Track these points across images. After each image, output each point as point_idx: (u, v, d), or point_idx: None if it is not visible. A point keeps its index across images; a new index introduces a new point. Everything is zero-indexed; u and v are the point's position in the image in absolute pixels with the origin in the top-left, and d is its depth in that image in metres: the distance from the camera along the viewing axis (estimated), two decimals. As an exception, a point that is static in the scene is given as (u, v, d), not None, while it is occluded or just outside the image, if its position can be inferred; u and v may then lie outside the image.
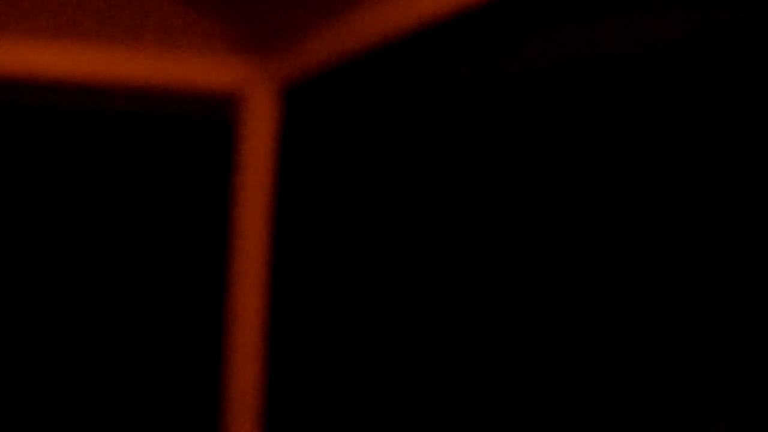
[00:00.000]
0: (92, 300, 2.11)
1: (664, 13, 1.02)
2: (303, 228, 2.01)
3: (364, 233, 1.77)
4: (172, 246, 2.16)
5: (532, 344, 1.26)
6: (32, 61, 1.94)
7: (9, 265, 2.06)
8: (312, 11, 1.80)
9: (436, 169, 1.53)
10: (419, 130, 1.58)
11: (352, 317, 1.78)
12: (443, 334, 1.48)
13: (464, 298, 1.43)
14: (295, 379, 2.00)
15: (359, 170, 1.80)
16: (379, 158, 1.72)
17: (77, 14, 1.93)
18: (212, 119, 2.16)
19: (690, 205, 1.00)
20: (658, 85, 1.05)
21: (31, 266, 2.08)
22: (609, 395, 1.10)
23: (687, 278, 0.99)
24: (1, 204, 2.06)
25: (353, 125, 1.83)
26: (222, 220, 2.15)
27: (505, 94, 1.35)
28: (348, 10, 1.67)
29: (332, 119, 1.92)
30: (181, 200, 2.17)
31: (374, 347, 1.69)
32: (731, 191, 0.94)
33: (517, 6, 1.27)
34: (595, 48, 1.13)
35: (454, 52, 1.45)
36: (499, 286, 1.35)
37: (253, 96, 2.09)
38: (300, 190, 2.03)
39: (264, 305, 2.09)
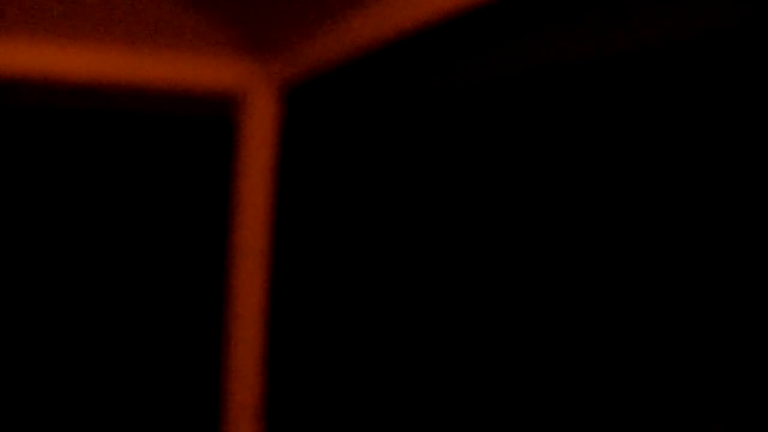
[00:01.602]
0: (92, 300, 2.11)
1: (665, 13, 1.02)
2: (303, 228, 2.01)
3: (365, 233, 1.77)
4: (173, 245, 2.16)
5: (532, 345, 1.25)
6: (32, 62, 1.94)
7: (9, 265, 2.06)
8: (313, 12, 1.80)
9: (437, 169, 1.53)
10: (420, 129, 1.58)
11: (352, 317, 1.78)
12: (445, 334, 1.47)
13: (466, 297, 1.42)
14: (295, 378, 1.99)
15: (359, 170, 1.80)
16: (379, 158, 1.72)
17: (77, 15, 1.93)
18: (213, 119, 2.16)
19: (690, 205, 0.99)
20: (659, 85, 1.05)
21: (31, 265, 2.08)
22: (609, 397, 1.10)
23: (687, 280, 0.99)
24: (1, 204, 2.06)
25: (354, 125, 1.82)
26: (222, 219, 2.15)
27: (505, 93, 1.35)
28: (349, 10, 1.67)
29: (333, 119, 1.92)
30: (181, 200, 2.17)
31: (374, 346, 1.69)
32: (732, 191, 0.94)
33: (517, 6, 1.27)
34: (596, 48, 1.13)
35: (454, 52, 1.45)
36: (501, 286, 1.34)
37: (253, 96, 2.09)
38: (300, 190, 2.03)
39: (264, 304, 2.09)
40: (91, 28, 1.96)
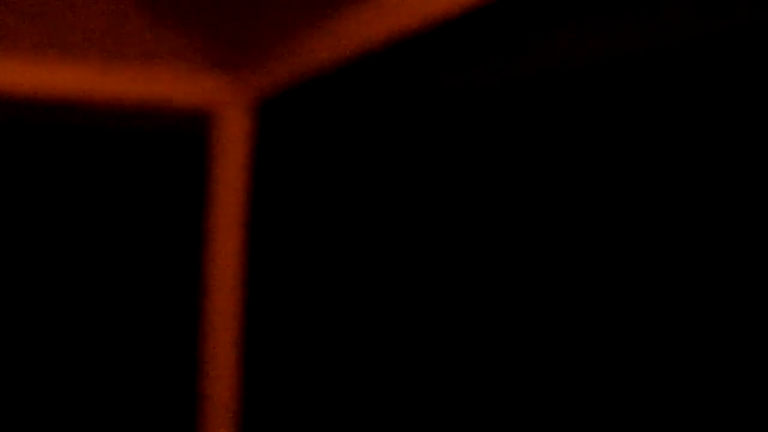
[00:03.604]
0: (69, 312, 2.09)
1: (673, 13, 1.02)
2: (277, 243, 2.01)
3: (340, 249, 1.76)
4: (147, 262, 2.14)
5: (529, 345, 1.25)
6: (7, 78, 1.92)
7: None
8: (285, 26, 1.80)
9: (416, 184, 1.52)
10: (396, 144, 1.58)
11: (325, 333, 1.77)
12: (422, 335, 1.47)
13: (445, 315, 1.42)
14: (271, 380, 1.98)
15: (334, 185, 1.80)
16: (354, 172, 1.72)
17: (51, 31, 1.91)
18: (186, 135, 2.14)
19: (690, 206, 1.00)
20: (668, 87, 1.05)
21: (7, 276, 2.05)
22: (610, 397, 1.10)
23: (688, 280, 0.99)
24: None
25: (328, 139, 1.82)
26: (196, 236, 2.14)
27: (484, 105, 1.35)
28: (321, 23, 1.67)
29: (306, 134, 1.91)
30: (155, 217, 2.15)
31: (351, 350, 1.68)
32: (737, 192, 0.94)
33: (501, 14, 1.27)
34: (588, 50, 1.14)
35: (431, 64, 1.45)
36: (481, 299, 1.34)
37: (226, 111, 2.08)
38: (274, 206, 2.02)
39: (239, 319, 2.08)
40: (63, 43, 1.95)
